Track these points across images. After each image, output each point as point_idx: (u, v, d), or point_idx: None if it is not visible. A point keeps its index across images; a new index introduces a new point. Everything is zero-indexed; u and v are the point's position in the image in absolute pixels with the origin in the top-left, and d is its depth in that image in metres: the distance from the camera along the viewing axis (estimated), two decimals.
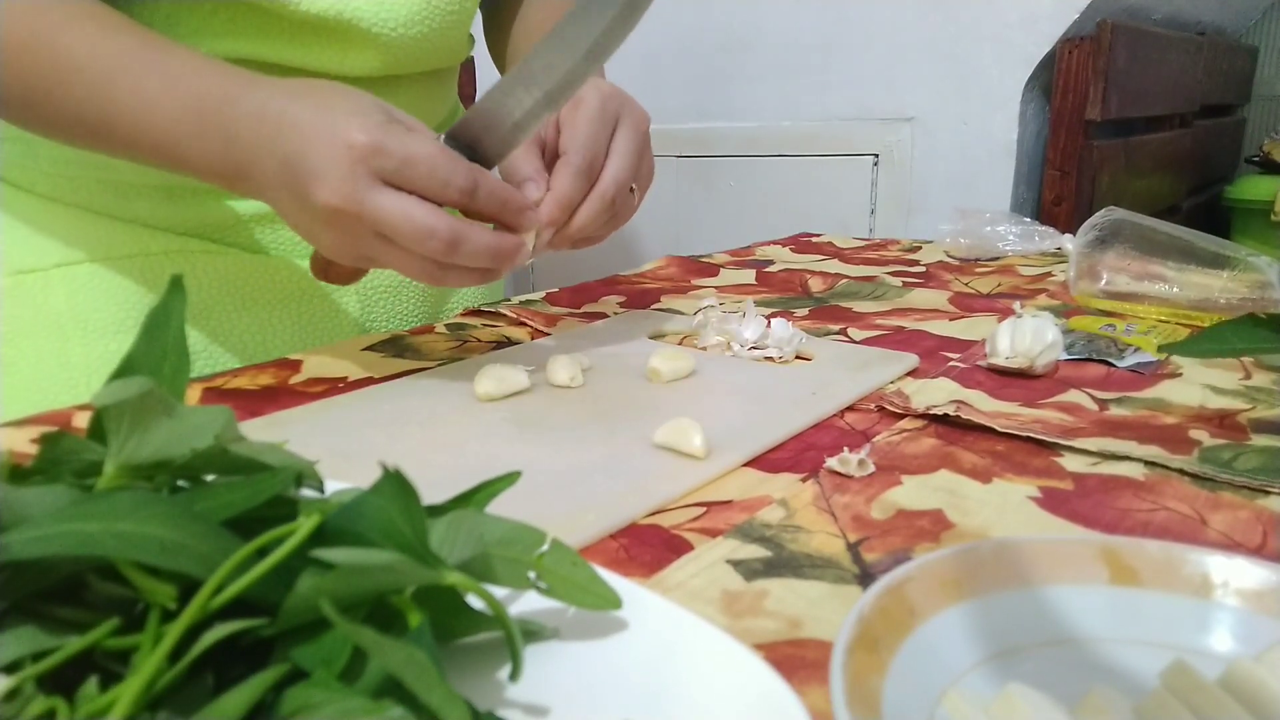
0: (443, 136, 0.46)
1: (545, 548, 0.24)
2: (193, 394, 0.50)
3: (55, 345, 0.58)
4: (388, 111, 0.43)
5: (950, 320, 0.66)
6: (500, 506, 0.25)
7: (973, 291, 0.75)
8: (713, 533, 0.34)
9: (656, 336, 0.61)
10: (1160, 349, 0.49)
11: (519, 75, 0.44)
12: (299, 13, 0.53)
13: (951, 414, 0.45)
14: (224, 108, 0.44)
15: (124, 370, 0.25)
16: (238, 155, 0.44)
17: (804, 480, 0.39)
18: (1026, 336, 0.52)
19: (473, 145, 0.45)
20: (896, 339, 0.61)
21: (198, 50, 0.47)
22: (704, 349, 0.57)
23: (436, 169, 0.41)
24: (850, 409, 0.47)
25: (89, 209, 0.59)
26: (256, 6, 0.53)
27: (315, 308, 0.65)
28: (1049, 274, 0.81)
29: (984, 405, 0.47)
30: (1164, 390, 0.49)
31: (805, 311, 0.69)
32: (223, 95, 0.44)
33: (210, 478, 0.24)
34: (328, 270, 0.50)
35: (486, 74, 1.90)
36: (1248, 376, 0.51)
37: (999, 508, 0.36)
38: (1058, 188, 1.38)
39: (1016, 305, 0.56)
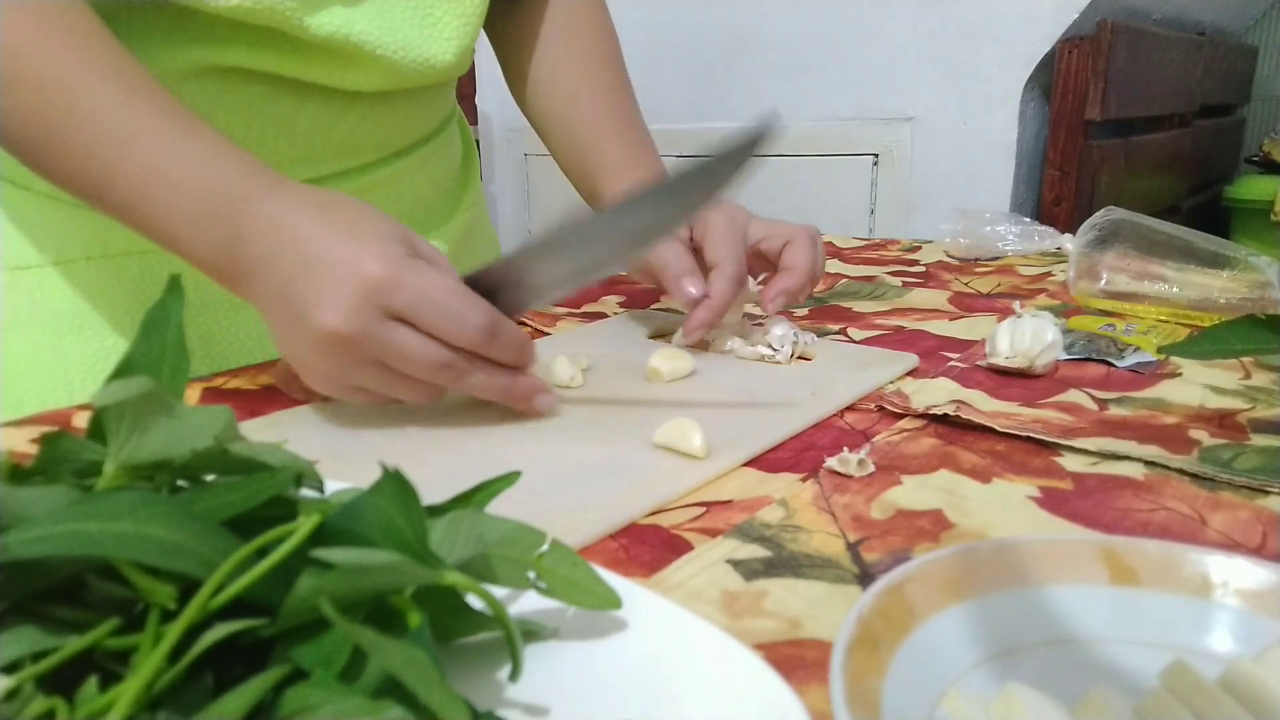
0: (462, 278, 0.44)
1: (545, 548, 0.24)
2: (192, 394, 0.50)
3: (52, 342, 0.58)
4: (410, 242, 0.42)
5: (950, 320, 0.66)
6: (500, 506, 0.25)
7: (972, 291, 0.75)
8: (712, 533, 0.34)
9: (656, 336, 0.61)
10: (1159, 350, 0.50)
11: (553, 242, 0.43)
12: (305, 33, 0.53)
13: (951, 414, 0.45)
14: (240, 205, 0.42)
15: (123, 370, 0.25)
16: (239, 257, 0.42)
17: (804, 480, 0.39)
18: (1026, 336, 0.52)
19: (489, 294, 0.43)
20: (896, 339, 0.61)
21: (221, 135, 0.45)
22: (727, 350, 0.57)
23: (452, 307, 0.40)
24: (850, 409, 0.47)
25: (87, 207, 0.59)
26: (261, 12, 0.53)
27: None
28: (1049, 274, 0.81)
29: (984, 405, 0.47)
30: (1164, 390, 0.49)
31: (805, 311, 0.69)
32: (242, 192, 0.42)
33: (210, 478, 0.24)
34: (290, 383, 0.48)
35: (486, 74, 1.90)
36: (1247, 376, 0.51)
37: (999, 508, 0.36)
38: (1057, 187, 1.38)
39: (1016, 305, 0.56)
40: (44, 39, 0.43)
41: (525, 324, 0.65)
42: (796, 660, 0.26)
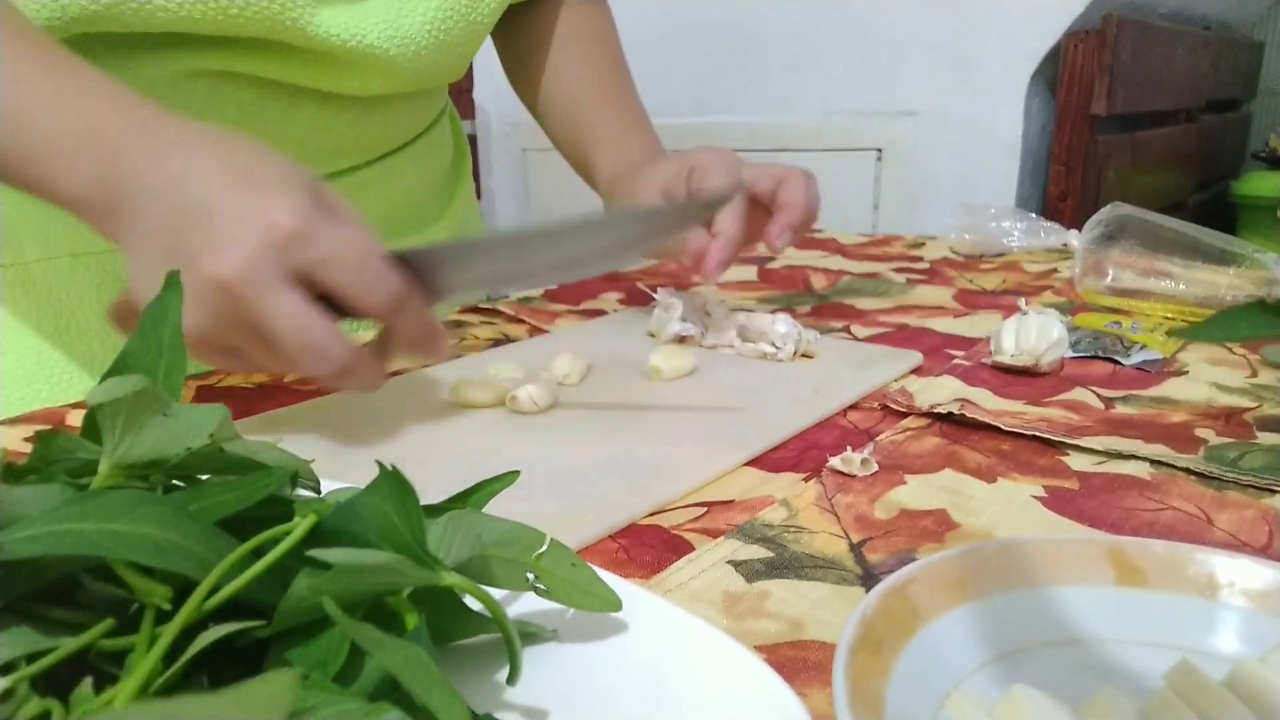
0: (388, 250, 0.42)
1: (544, 548, 0.24)
2: (187, 392, 0.50)
3: (34, 341, 0.58)
4: (316, 192, 0.39)
5: (955, 317, 0.65)
6: (499, 506, 0.25)
7: (977, 288, 0.75)
8: (714, 533, 0.34)
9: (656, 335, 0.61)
10: (1169, 333, 0.49)
11: (488, 246, 0.42)
12: (308, 32, 0.53)
13: (956, 412, 0.44)
14: (117, 138, 0.40)
15: (119, 368, 0.25)
16: (114, 192, 0.39)
17: (806, 480, 0.38)
18: (1032, 334, 0.51)
19: (414, 272, 0.41)
20: (900, 336, 0.60)
21: (102, 73, 0.42)
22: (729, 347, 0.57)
23: (364, 273, 0.37)
24: (853, 407, 0.47)
25: None
26: (261, 22, 0.52)
27: None
28: (1054, 270, 0.81)
29: (988, 403, 0.46)
30: (1170, 388, 0.49)
31: (808, 308, 0.68)
32: (119, 124, 0.40)
33: (205, 477, 0.24)
34: (128, 323, 0.43)
35: (483, 68, 1.90)
36: (1254, 374, 0.51)
37: (1004, 507, 0.36)
38: (1063, 183, 1.37)
39: (1021, 302, 0.55)
40: None
41: (523, 322, 0.65)
42: (799, 662, 0.26)
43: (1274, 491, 0.37)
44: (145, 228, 0.39)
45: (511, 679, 0.22)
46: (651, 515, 0.35)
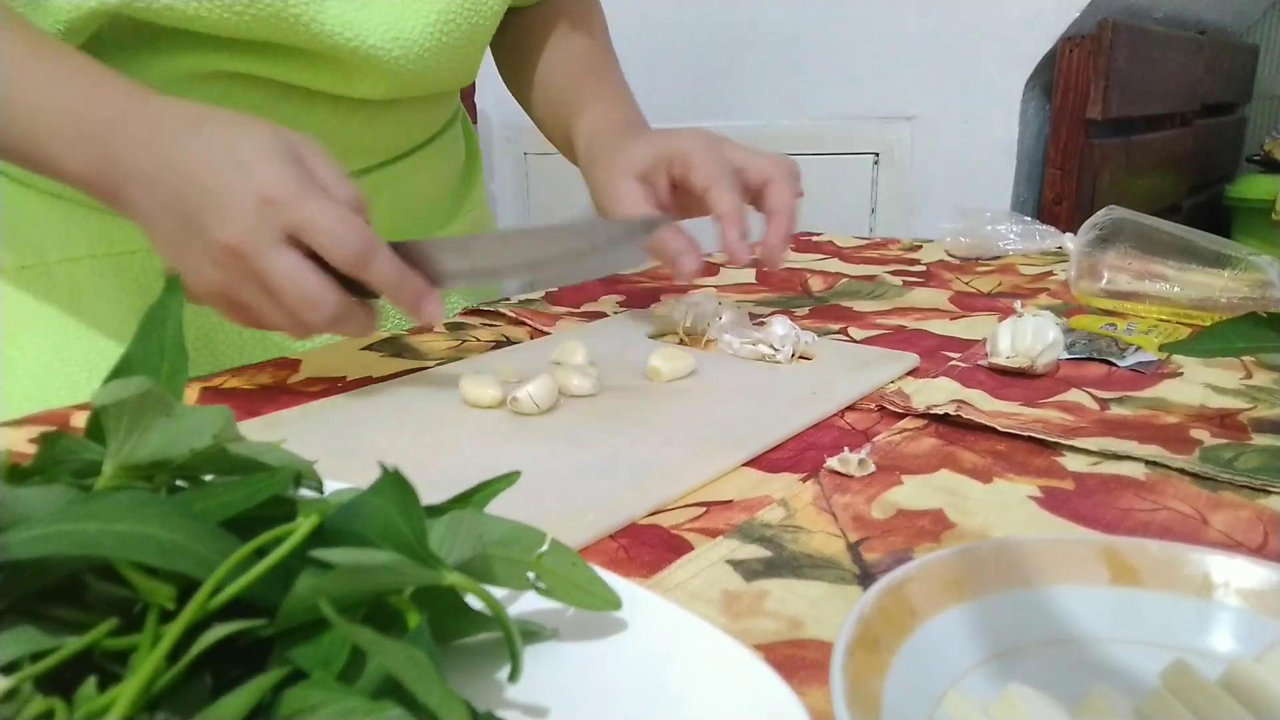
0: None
1: (544, 548, 0.24)
2: (190, 393, 0.50)
3: (54, 341, 0.58)
4: (299, 159, 0.43)
5: (951, 319, 0.66)
6: (499, 507, 0.25)
7: (973, 291, 0.75)
8: (713, 533, 0.34)
9: (657, 336, 0.61)
10: (1161, 348, 0.49)
11: (467, 244, 0.47)
12: (312, 29, 0.53)
13: (952, 413, 0.45)
14: (109, 123, 0.44)
15: (122, 370, 0.25)
16: (114, 174, 0.44)
17: (804, 480, 0.39)
18: (1027, 336, 0.51)
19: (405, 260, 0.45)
20: (897, 338, 0.61)
21: (88, 58, 0.46)
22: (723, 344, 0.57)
23: (337, 225, 0.42)
24: (850, 408, 0.47)
25: (90, 205, 0.59)
26: (267, 19, 0.52)
27: None
28: (1050, 273, 0.81)
29: (985, 405, 0.47)
30: (1165, 390, 0.49)
31: (805, 311, 0.69)
32: (107, 113, 0.44)
33: (209, 478, 0.24)
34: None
35: (485, 73, 1.90)
36: (1249, 376, 0.51)
37: (1000, 507, 0.36)
38: (1058, 186, 1.38)
39: (1017, 304, 0.56)
40: None
41: (524, 323, 0.65)
42: (797, 661, 0.26)
43: (1269, 492, 0.37)
44: (151, 205, 0.43)
45: (513, 677, 0.22)
46: (651, 515, 0.36)
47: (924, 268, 0.85)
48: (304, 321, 0.43)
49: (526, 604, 0.25)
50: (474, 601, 0.23)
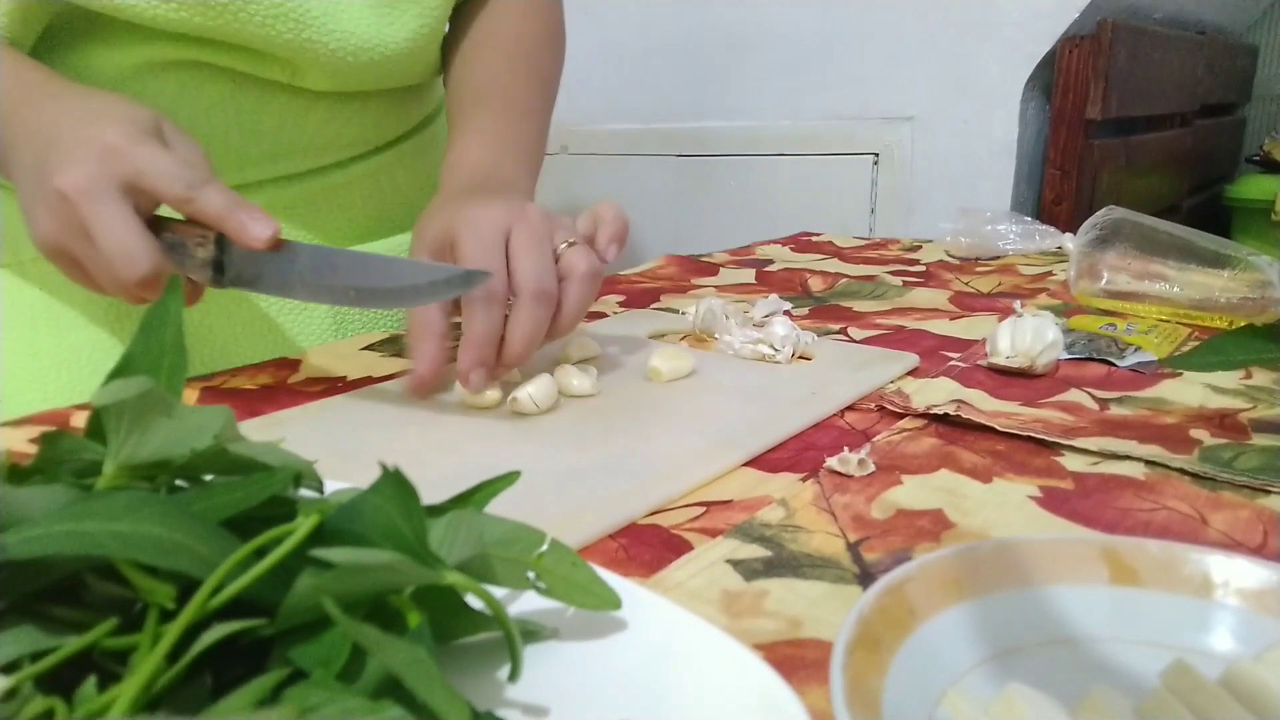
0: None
1: (544, 548, 0.24)
2: (191, 393, 0.50)
3: (26, 337, 0.58)
4: (155, 126, 0.44)
5: (950, 320, 0.66)
6: (499, 506, 0.25)
7: (973, 291, 0.75)
8: (712, 533, 0.34)
9: (656, 336, 0.61)
10: (1164, 361, 0.49)
11: (318, 261, 0.45)
12: (252, 21, 0.52)
13: (952, 413, 0.45)
14: (11, 97, 0.46)
15: (122, 370, 0.25)
16: (7, 139, 0.46)
17: (804, 480, 0.39)
18: (1027, 336, 0.51)
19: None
20: (897, 338, 0.61)
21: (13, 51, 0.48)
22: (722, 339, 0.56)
23: (169, 170, 0.42)
24: (850, 408, 0.47)
25: None
26: (196, 8, 0.51)
27: (315, 305, 0.65)
28: (1049, 273, 0.81)
29: (984, 405, 0.47)
30: (1164, 390, 0.49)
31: (805, 311, 0.69)
32: (15, 85, 0.46)
33: (209, 477, 0.24)
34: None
35: None
36: (1248, 376, 0.51)
37: (999, 507, 0.36)
38: (1058, 187, 1.38)
39: (1017, 304, 0.56)
40: None
41: None
42: (796, 660, 0.26)
43: (1269, 492, 0.37)
44: (23, 164, 0.45)
45: (513, 677, 0.22)
46: (651, 515, 0.36)
47: (924, 268, 0.85)
48: (120, 277, 0.42)
49: (526, 604, 0.25)
50: (474, 601, 0.23)
